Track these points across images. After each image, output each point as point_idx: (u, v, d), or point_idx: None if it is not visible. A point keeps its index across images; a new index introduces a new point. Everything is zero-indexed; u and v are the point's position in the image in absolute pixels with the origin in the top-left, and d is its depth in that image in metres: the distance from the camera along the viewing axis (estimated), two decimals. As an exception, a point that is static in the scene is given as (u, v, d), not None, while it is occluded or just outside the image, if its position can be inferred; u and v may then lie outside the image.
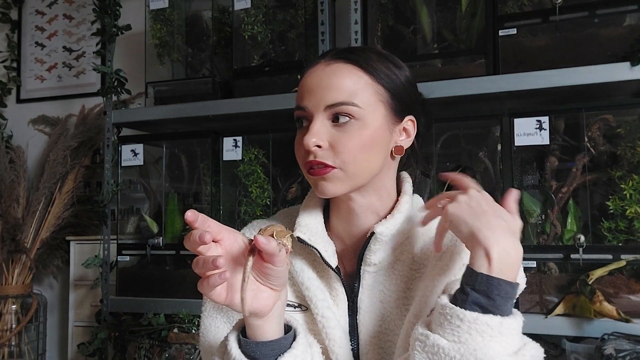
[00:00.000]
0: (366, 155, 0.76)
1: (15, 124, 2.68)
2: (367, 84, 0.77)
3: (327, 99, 0.75)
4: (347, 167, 0.75)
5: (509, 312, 0.64)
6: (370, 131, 0.76)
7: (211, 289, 0.60)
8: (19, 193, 2.39)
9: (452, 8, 1.63)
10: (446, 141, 1.63)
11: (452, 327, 0.62)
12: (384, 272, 0.82)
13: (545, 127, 1.44)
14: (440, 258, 0.78)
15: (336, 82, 0.75)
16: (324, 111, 0.76)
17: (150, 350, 1.75)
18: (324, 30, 1.72)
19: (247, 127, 1.96)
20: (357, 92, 0.75)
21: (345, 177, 0.76)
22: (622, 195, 1.38)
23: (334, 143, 0.75)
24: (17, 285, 2.34)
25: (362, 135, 0.75)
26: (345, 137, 0.75)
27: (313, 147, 0.75)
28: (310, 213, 0.85)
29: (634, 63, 1.37)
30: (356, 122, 0.75)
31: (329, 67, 0.77)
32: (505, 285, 0.63)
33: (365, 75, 0.77)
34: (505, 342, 0.61)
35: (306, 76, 0.79)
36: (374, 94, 0.77)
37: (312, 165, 0.76)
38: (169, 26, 2.03)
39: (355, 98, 0.75)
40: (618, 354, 1.24)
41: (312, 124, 0.76)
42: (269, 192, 1.78)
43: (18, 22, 2.77)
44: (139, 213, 2.29)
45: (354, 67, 0.77)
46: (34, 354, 2.37)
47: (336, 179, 0.76)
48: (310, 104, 0.76)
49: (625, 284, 1.37)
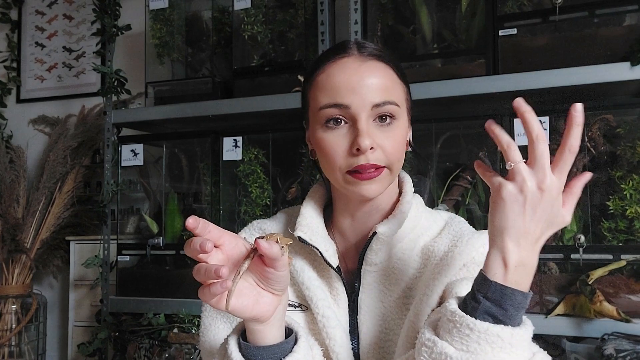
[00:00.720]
0: (403, 153, 0.77)
1: (15, 124, 2.68)
2: (398, 83, 0.77)
3: (373, 97, 0.73)
4: (392, 167, 0.76)
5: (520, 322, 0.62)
6: (405, 130, 0.77)
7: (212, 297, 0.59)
8: (19, 193, 2.39)
9: (452, 8, 1.63)
10: (446, 141, 1.63)
11: (461, 335, 0.60)
12: (384, 271, 0.82)
13: (545, 127, 1.44)
14: (441, 258, 0.79)
15: (378, 81, 0.74)
16: (370, 110, 0.73)
17: (150, 350, 1.75)
18: (323, 30, 1.72)
19: (247, 127, 1.96)
20: (394, 90, 0.76)
21: (389, 177, 0.76)
22: (622, 195, 1.38)
23: (381, 143, 0.74)
24: (17, 285, 2.34)
25: (402, 135, 0.76)
26: (390, 137, 0.74)
27: (368, 149, 0.72)
28: (312, 212, 0.85)
29: (633, 63, 1.37)
30: (396, 122, 0.75)
31: (365, 65, 0.75)
32: (518, 295, 0.60)
33: (395, 74, 0.77)
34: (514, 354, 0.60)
35: (338, 72, 0.75)
36: (402, 92, 0.78)
37: (361, 169, 0.73)
38: (169, 26, 2.03)
39: (395, 97, 0.75)
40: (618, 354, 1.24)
41: (361, 124, 0.72)
42: (269, 192, 1.79)
43: (18, 22, 2.77)
44: (139, 213, 2.29)
45: (386, 65, 0.77)
46: (34, 354, 2.37)
47: (383, 179, 0.75)
48: (355, 102, 0.73)
49: (625, 284, 1.37)
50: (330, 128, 0.75)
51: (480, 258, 0.76)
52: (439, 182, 1.62)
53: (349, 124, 0.74)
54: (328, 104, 0.74)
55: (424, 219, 0.85)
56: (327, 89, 0.75)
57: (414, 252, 0.82)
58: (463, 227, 0.83)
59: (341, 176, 0.75)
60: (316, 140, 0.77)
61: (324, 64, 0.77)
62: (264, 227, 0.90)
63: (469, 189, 1.57)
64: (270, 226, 0.90)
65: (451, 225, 0.83)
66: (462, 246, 0.77)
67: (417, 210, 0.84)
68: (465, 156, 1.63)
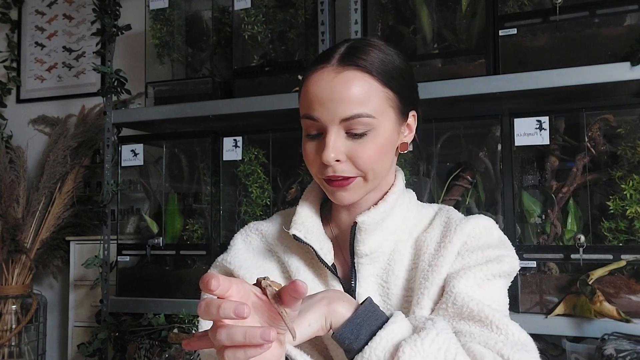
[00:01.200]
0: (381, 161, 0.78)
1: (15, 124, 2.68)
2: (378, 91, 0.76)
3: (341, 112, 0.73)
4: (366, 175, 0.77)
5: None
6: (383, 139, 0.77)
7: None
8: (19, 193, 2.39)
9: (452, 8, 1.63)
10: (446, 141, 1.63)
11: None
12: (380, 265, 0.82)
13: (545, 127, 1.44)
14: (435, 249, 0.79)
15: (349, 94, 0.73)
16: (339, 124, 0.74)
17: (150, 350, 1.75)
18: (324, 30, 1.72)
19: (247, 127, 1.96)
20: (369, 101, 0.75)
21: (364, 184, 0.78)
22: (623, 195, 1.38)
23: (351, 155, 0.75)
24: (17, 286, 2.34)
25: (377, 144, 0.76)
26: (362, 147, 0.75)
27: (333, 162, 0.75)
28: (307, 211, 0.85)
29: (634, 63, 1.36)
30: (371, 132, 0.75)
31: (339, 77, 0.74)
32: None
33: (375, 82, 0.76)
34: None
35: (312, 84, 0.76)
36: (384, 99, 0.76)
37: (331, 179, 0.77)
38: (169, 26, 2.03)
39: (368, 108, 0.74)
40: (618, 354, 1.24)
41: (328, 138, 0.74)
42: (269, 192, 1.78)
43: (18, 22, 2.77)
44: (139, 213, 2.29)
45: (363, 73, 0.75)
46: (34, 354, 2.37)
47: (356, 188, 0.78)
48: (323, 116, 0.74)
49: (625, 284, 1.37)
50: (309, 138, 0.78)
51: (472, 242, 0.79)
52: (439, 182, 1.62)
53: (322, 135, 0.76)
54: (304, 114, 0.77)
55: (415, 212, 0.86)
56: (304, 100, 0.77)
57: (408, 244, 0.83)
58: (452, 214, 0.84)
59: (321, 182, 0.80)
60: (303, 146, 0.80)
61: (308, 72, 0.79)
62: (261, 228, 0.90)
63: (469, 189, 1.57)
64: (267, 227, 0.90)
65: (441, 216, 0.85)
66: (452, 234, 0.79)
67: (408, 204, 0.86)
68: (466, 156, 1.63)
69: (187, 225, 1.87)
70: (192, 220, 1.86)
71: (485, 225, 0.81)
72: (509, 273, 0.78)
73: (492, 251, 0.77)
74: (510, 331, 0.69)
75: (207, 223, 1.84)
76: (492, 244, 0.79)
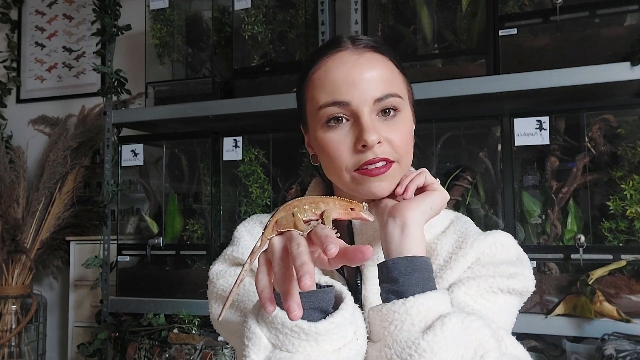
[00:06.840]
0: (410, 146, 0.75)
1: (15, 124, 2.68)
2: (398, 74, 0.75)
3: (374, 91, 0.70)
4: (402, 160, 0.73)
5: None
6: (410, 121, 0.75)
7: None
8: (19, 193, 2.39)
9: (452, 8, 1.63)
10: (446, 141, 1.63)
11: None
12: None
13: (545, 127, 1.44)
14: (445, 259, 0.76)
15: (378, 73, 0.71)
16: (372, 105, 0.70)
17: (151, 350, 1.74)
18: (324, 30, 1.72)
19: (247, 127, 1.96)
20: (395, 81, 0.73)
21: (399, 171, 0.74)
22: (623, 195, 1.38)
23: (388, 137, 0.71)
24: (17, 286, 2.34)
25: (407, 126, 0.74)
26: (396, 130, 0.72)
27: (375, 144, 0.69)
28: None
29: (634, 63, 1.36)
30: (400, 114, 0.73)
31: (363, 57, 0.71)
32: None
33: (393, 65, 0.74)
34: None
35: (334, 68, 0.71)
36: (403, 83, 0.76)
37: (369, 164, 0.70)
38: (169, 26, 2.03)
39: (396, 88, 0.72)
40: (618, 354, 1.24)
41: (364, 120, 0.69)
42: (269, 192, 1.78)
43: (18, 22, 2.77)
44: (139, 213, 2.28)
45: (384, 56, 0.73)
46: (34, 354, 2.36)
47: (392, 176, 0.72)
48: (355, 98, 0.69)
49: (625, 284, 1.37)
50: (332, 127, 0.71)
51: (486, 259, 0.74)
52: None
53: (350, 121, 0.71)
54: (327, 102, 0.71)
55: None
56: (325, 87, 0.71)
57: None
58: (469, 227, 0.80)
59: (349, 176, 0.72)
60: (318, 141, 0.74)
61: (319, 60, 0.73)
62: (264, 221, 0.89)
63: (469, 189, 1.57)
64: None
65: (457, 225, 0.80)
66: (466, 248, 0.74)
67: None
68: (466, 156, 1.63)
69: (187, 225, 1.87)
70: (192, 221, 1.86)
71: (502, 242, 0.76)
72: (521, 292, 0.73)
73: (505, 267, 0.73)
74: (504, 344, 0.64)
75: (207, 223, 1.84)
76: (506, 260, 0.75)
